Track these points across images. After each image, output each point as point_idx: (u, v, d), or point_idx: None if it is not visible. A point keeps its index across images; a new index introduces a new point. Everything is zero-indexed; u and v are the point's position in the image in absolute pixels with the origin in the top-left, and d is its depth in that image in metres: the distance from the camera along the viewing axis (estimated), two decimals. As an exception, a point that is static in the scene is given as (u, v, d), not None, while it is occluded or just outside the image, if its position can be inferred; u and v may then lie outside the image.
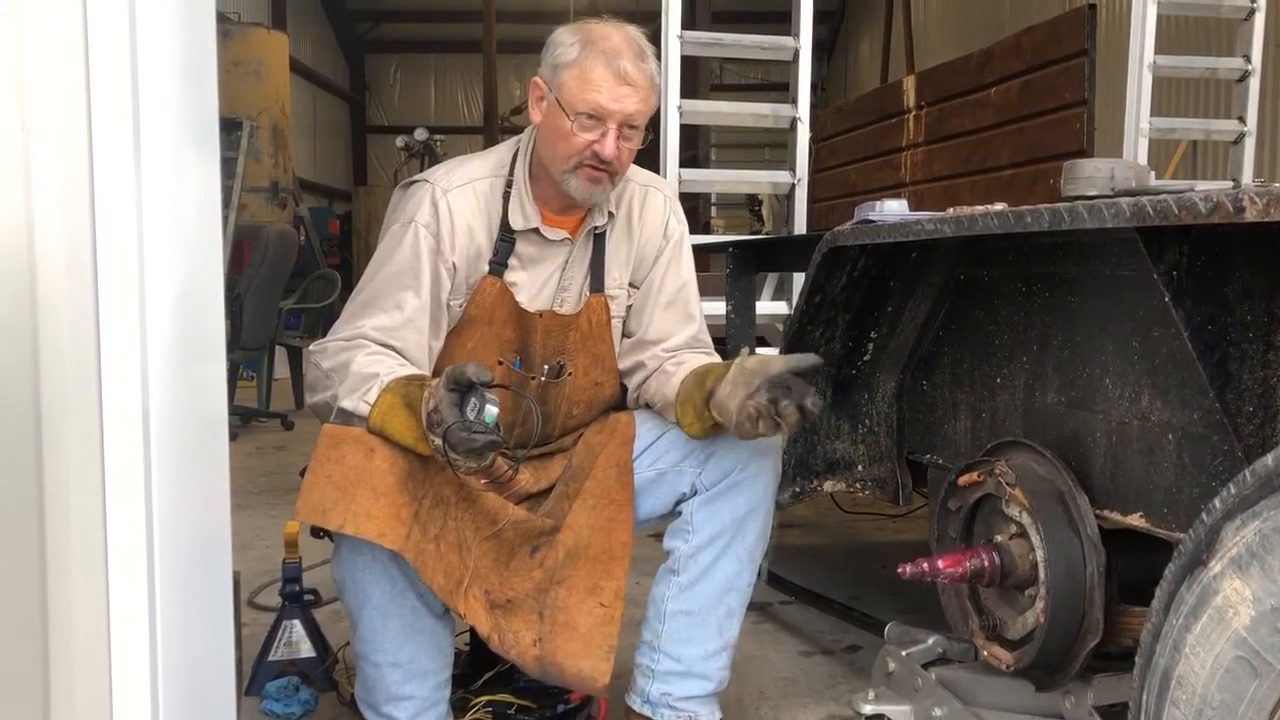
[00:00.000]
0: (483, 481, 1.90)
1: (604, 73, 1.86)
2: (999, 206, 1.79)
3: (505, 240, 1.97)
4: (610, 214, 2.04)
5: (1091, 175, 1.78)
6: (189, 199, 1.08)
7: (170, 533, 1.04)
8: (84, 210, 0.97)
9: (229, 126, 7.54)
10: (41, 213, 0.95)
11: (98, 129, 0.97)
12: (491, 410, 1.66)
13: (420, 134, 12.51)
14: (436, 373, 1.84)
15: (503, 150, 2.05)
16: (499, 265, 1.97)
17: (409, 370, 1.84)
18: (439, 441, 1.67)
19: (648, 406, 2.08)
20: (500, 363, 1.98)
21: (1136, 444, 1.79)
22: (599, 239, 2.04)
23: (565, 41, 1.91)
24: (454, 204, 1.94)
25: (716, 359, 2.11)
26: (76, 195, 0.97)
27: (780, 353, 2.48)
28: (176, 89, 1.03)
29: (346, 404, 1.79)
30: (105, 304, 0.99)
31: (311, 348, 1.94)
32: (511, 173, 1.99)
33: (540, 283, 2.01)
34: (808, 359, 1.88)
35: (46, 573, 0.98)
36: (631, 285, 2.10)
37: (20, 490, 0.96)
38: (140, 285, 1.00)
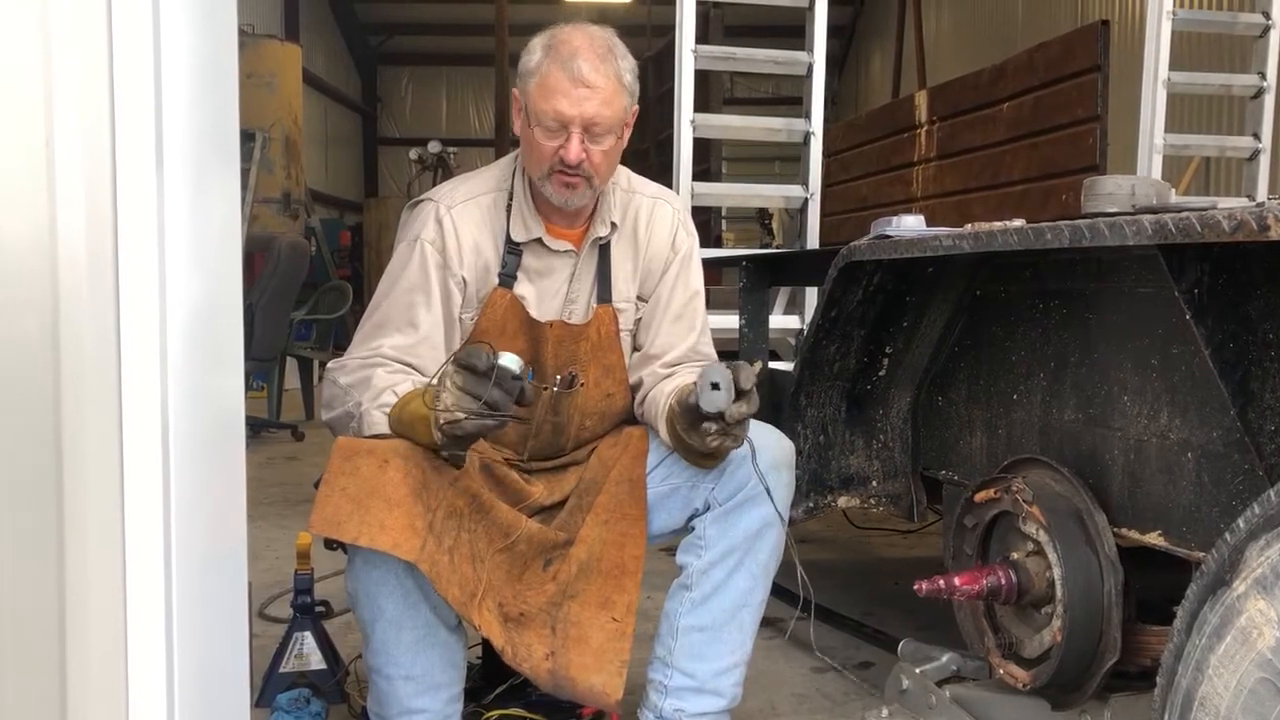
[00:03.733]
0: (507, 409, 1.71)
1: (560, 77, 1.85)
2: (1018, 223, 1.78)
3: (512, 253, 1.97)
4: (614, 224, 2.04)
5: (1112, 192, 1.78)
6: (209, 213, 1.08)
7: (187, 543, 1.04)
8: (106, 224, 0.98)
9: (242, 138, 7.55)
10: (65, 225, 0.95)
11: (121, 144, 0.97)
12: (510, 356, 1.67)
13: (434, 146, 12.55)
14: None
15: (505, 164, 2.06)
16: (509, 277, 1.97)
17: None
18: (448, 368, 1.68)
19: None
20: (513, 374, 1.97)
21: (1155, 462, 1.78)
22: (604, 250, 2.05)
23: (532, 49, 1.91)
24: (458, 219, 1.95)
25: None
26: (99, 209, 0.97)
27: (794, 369, 2.48)
28: (198, 104, 1.04)
29: (372, 406, 1.80)
30: (126, 316, 0.99)
31: (330, 365, 1.95)
32: (513, 185, 2.00)
33: (548, 295, 2.01)
34: (741, 371, 1.76)
35: (65, 583, 0.98)
36: (640, 299, 2.10)
37: (40, 501, 0.97)
38: (161, 298, 1.00)
